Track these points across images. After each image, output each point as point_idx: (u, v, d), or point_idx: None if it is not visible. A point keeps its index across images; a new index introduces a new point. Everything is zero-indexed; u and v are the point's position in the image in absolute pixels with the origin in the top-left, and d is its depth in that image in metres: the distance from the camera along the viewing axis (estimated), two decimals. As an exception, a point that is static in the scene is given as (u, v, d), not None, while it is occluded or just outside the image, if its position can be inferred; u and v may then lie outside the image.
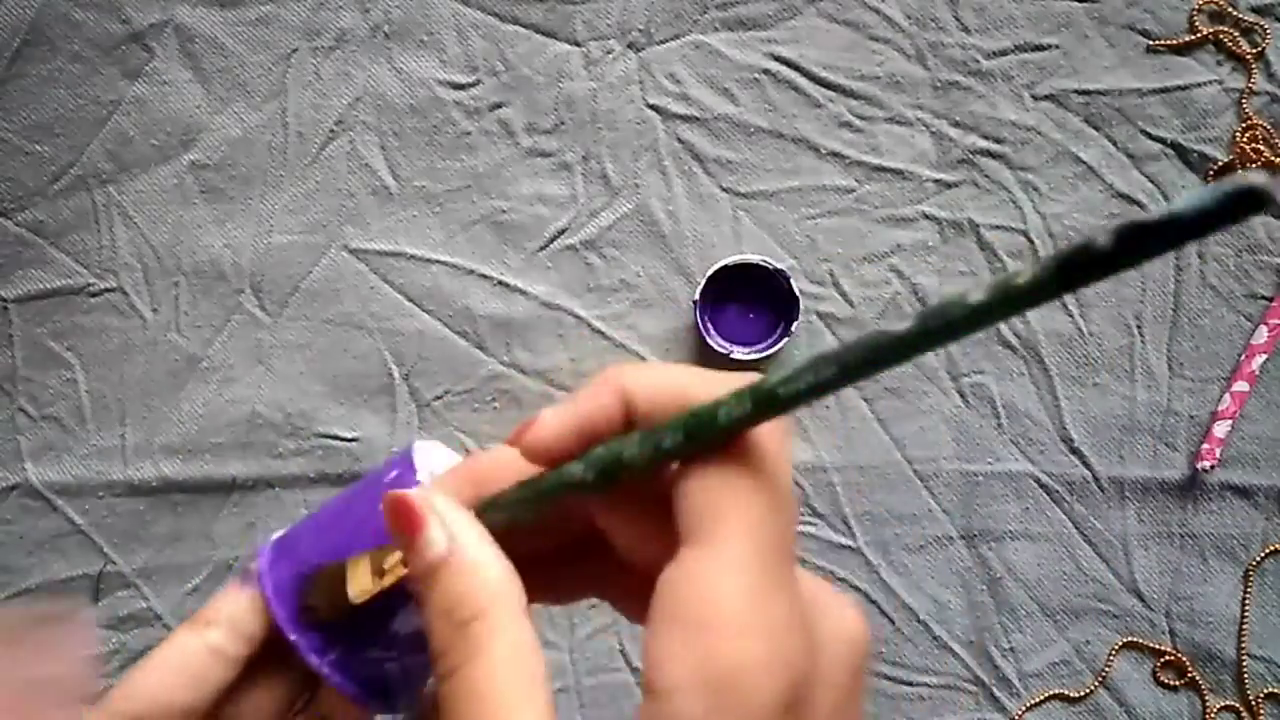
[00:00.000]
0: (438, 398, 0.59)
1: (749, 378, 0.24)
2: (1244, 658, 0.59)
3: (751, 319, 0.59)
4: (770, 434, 0.24)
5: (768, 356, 0.58)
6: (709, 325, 0.58)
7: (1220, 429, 0.59)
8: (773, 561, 0.23)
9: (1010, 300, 0.20)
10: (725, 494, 0.24)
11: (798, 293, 0.57)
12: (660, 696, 0.23)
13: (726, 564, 0.23)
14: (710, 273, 0.57)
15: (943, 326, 0.20)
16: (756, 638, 0.23)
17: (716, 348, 0.57)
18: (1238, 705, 0.60)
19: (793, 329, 0.57)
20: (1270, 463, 0.60)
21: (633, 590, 0.28)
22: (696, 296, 0.57)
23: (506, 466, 0.28)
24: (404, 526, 0.27)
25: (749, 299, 0.59)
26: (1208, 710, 0.60)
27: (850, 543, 0.60)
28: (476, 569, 0.26)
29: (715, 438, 0.24)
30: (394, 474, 0.34)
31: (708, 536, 0.24)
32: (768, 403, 0.23)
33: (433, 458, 0.35)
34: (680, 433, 0.24)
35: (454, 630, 0.25)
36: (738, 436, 0.24)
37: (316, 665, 0.32)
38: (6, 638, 0.32)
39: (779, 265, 0.57)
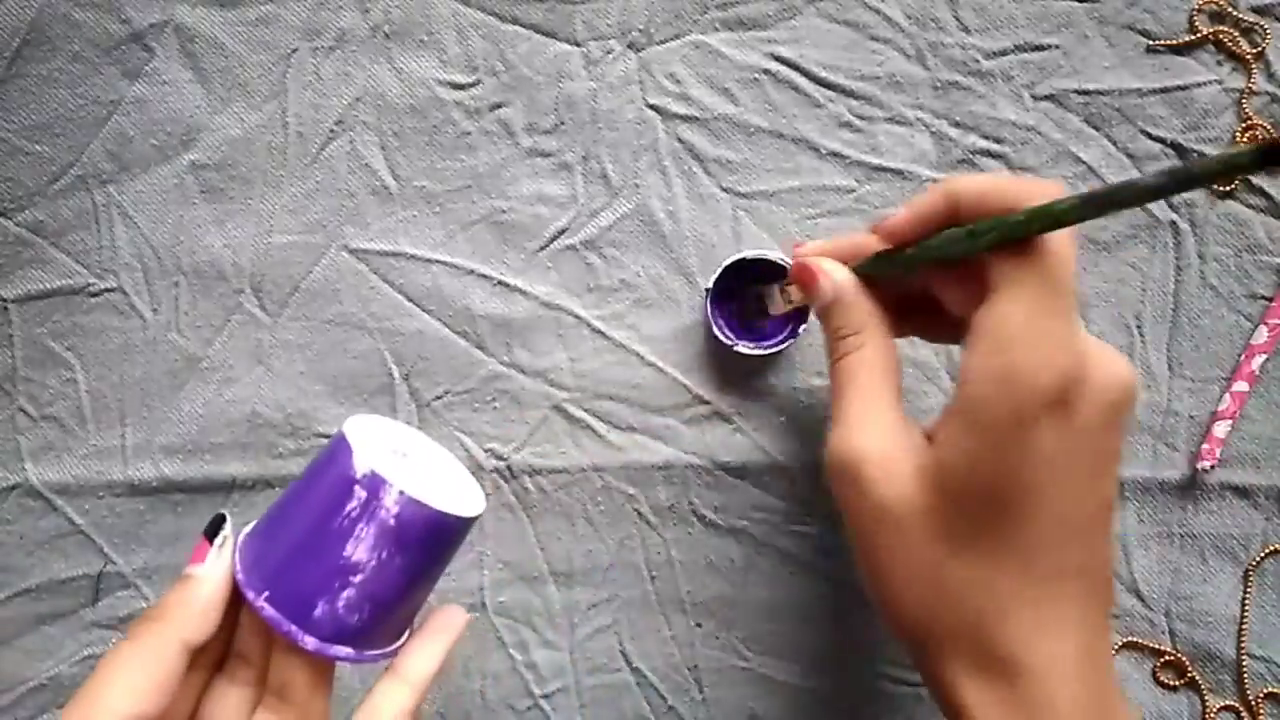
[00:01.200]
0: (438, 398, 0.59)
1: (1050, 190, 0.36)
2: (1244, 658, 0.59)
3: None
4: (1060, 236, 0.36)
5: (771, 354, 0.58)
6: (718, 316, 0.58)
7: (1220, 429, 0.59)
8: (1054, 305, 0.34)
9: (1236, 165, 0.29)
10: (1028, 263, 0.35)
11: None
12: (966, 385, 0.36)
13: (1019, 302, 0.35)
14: (726, 264, 0.57)
15: (1185, 179, 0.31)
16: (1033, 347, 0.34)
17: (721, 338, 0.57)
18: (1238, 705, 0.60)
19: (800, 330, 0.57)
20: (1270, 463, 0.60)
21: (947, 329, 0.44)
22: (709, 284, 0.57)
23: (863, 245, 0.44)
24: (805, 280, 0.45)
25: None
26: (1208, 710, 0.60)
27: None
28: (854, 304, 0.43)
29: (1038, 229, 0.35)
30: (333, 455, 0.37)
31: (1009, 285, 0.35)
32: (1049, 219, 0.35)
33: (368, 427, 0.40)
34: (1025, 223, 0.35)
35: (842, 341, 0.42)
36: (1040, 235, 0.36)
37: (280, 623, 0.36)
38: None
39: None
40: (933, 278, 0.42)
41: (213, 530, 0.38)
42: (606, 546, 0.60)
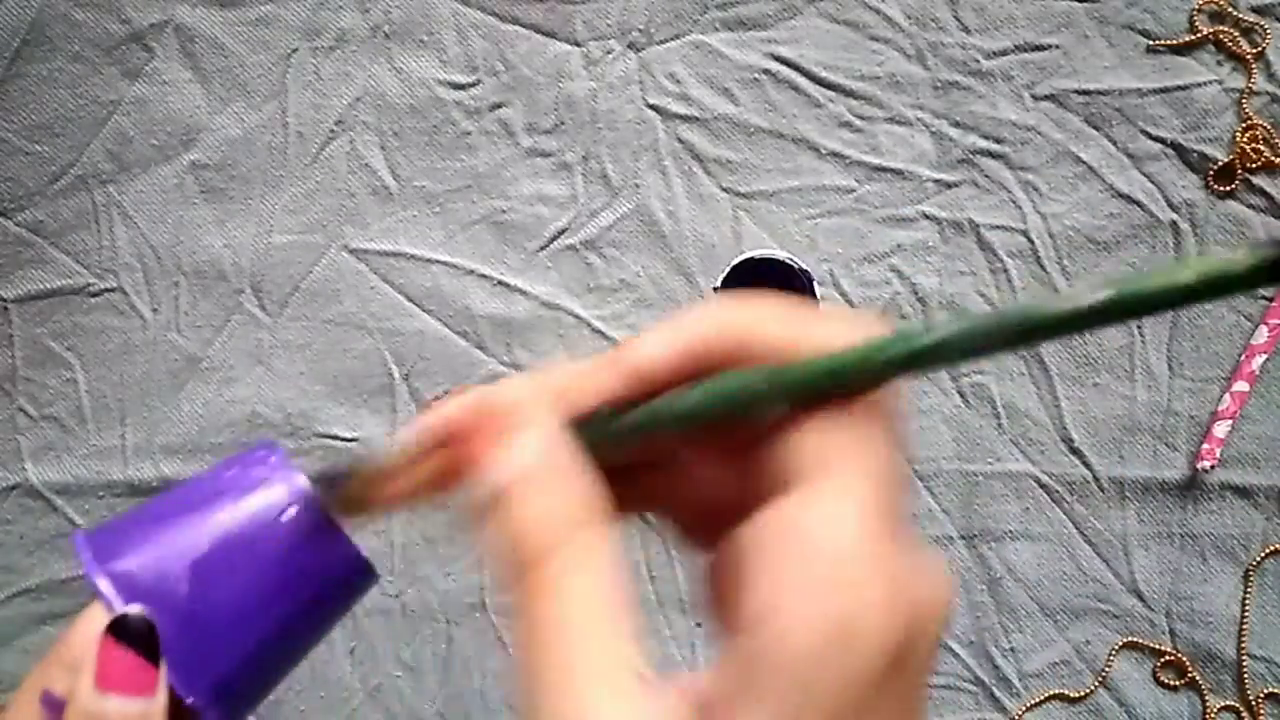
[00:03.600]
0: (437, 398, 0.59)
1: (861, 326, 0.23)
2: (1244, 658, 0.59)
3: None
4: (893, 396, 0.24)
5: None
6: None
7: (1220, 429, 0.59)
8: (891, 511, 0.23)
9: (1219, 284, 0.20)
10: (850, 440, 0.23)
11: (818, 295, 0.57)
12: (770, 631, 0.22)
13: (850, 507, 0.22)
14: (734, 263, 0.57)
15: (1134, 302, 0.20)
16: (878, 584, 0.22)
17: None
18: (1238, 705, 0.60)
19: None
20: (1270, 463, 0.60)
21: (696, 516, 0.27)
22: (718, 284, 0.57)
23: (588, 382, 0.25)
24: (461, 442, 0.24)
25: (768, 294, 0.59)
26: (1208, 710, 0.60)
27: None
28: (568, 487, 0.24)
29: (852, 386, 0.23)
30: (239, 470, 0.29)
31: (829, 479, 0.23)
32: (916, 359, 0.23)
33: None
34: (818, 376, 0.23)
35: (545, 557, 0.23)
36: (869, 387, 0.23)
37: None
38: None
39: (803, 265, 0.57)
40: (685, 441, 0.26)
41: (136, 638, 0.27)
42: (606, 546, 0.60)
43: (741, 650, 0.22)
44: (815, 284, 0.57)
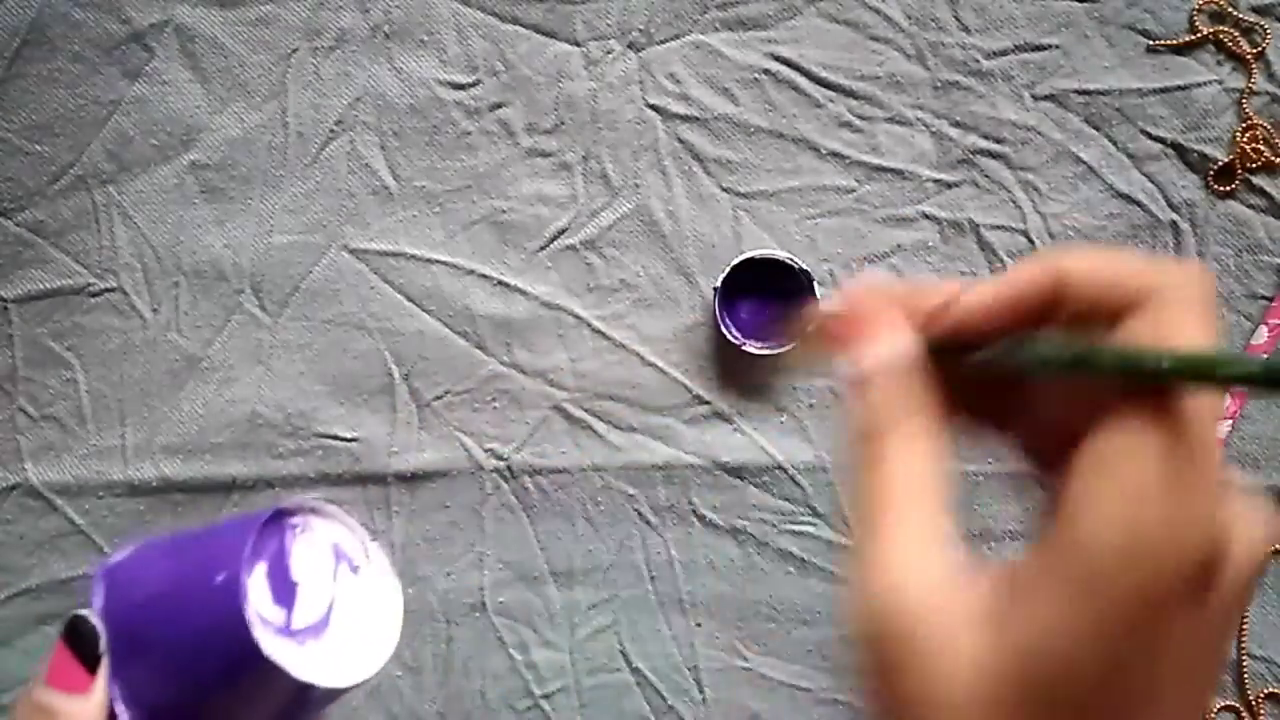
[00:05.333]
0: (438, 398, 0.59)
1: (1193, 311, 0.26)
2: (1244, 658, 0.59)
3: (768, 315, 0.59)
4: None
5: (780, 354, 0.58)
6: (725, 315, 0.58)
7: (1220, 429, 0.59)
8: (1196, 459, 0.25)
9: None
10: (1159, 401, 0.26)
11: (819, 295, 0.57)
12: (1076, 529, 0.25)
13: (1153, 447, 0.25)
14: (735, 262, 0.57)
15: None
16: (1176, 509, 0.25)
17: (730, 337, 0.58)
18: (1238, 705, 0.60)
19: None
20: (1270, 463, 0.60)
21: (1040, 438, 0.30)
22: (718, 284, 0.57)
23: (933, 305, 0.29)
24: (849, 331, 0.29)
25: (768, 295, 0.59)
26: (1208, 710, 0.60)
27: (850, 542, 0.60)
28: (909, 388, 0.28)
29: (1146, 379, 0.25)
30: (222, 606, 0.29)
31: (1140, 425, 0.26)
32: (1202, 372, 0.25)
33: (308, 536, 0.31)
34: (1170, 368, 0.25)
35: (881, 439, 0.28)
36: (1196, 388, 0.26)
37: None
38: None
39: (804, 265, 0.57)
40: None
41: (81, 643, 0.30)
42: (606, 546, 0.60)
43: (1051, 543, 0.26)
44: (815, 284, 0.57)
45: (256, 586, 0.30)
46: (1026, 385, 0.30)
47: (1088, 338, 0.27)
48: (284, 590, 0.31)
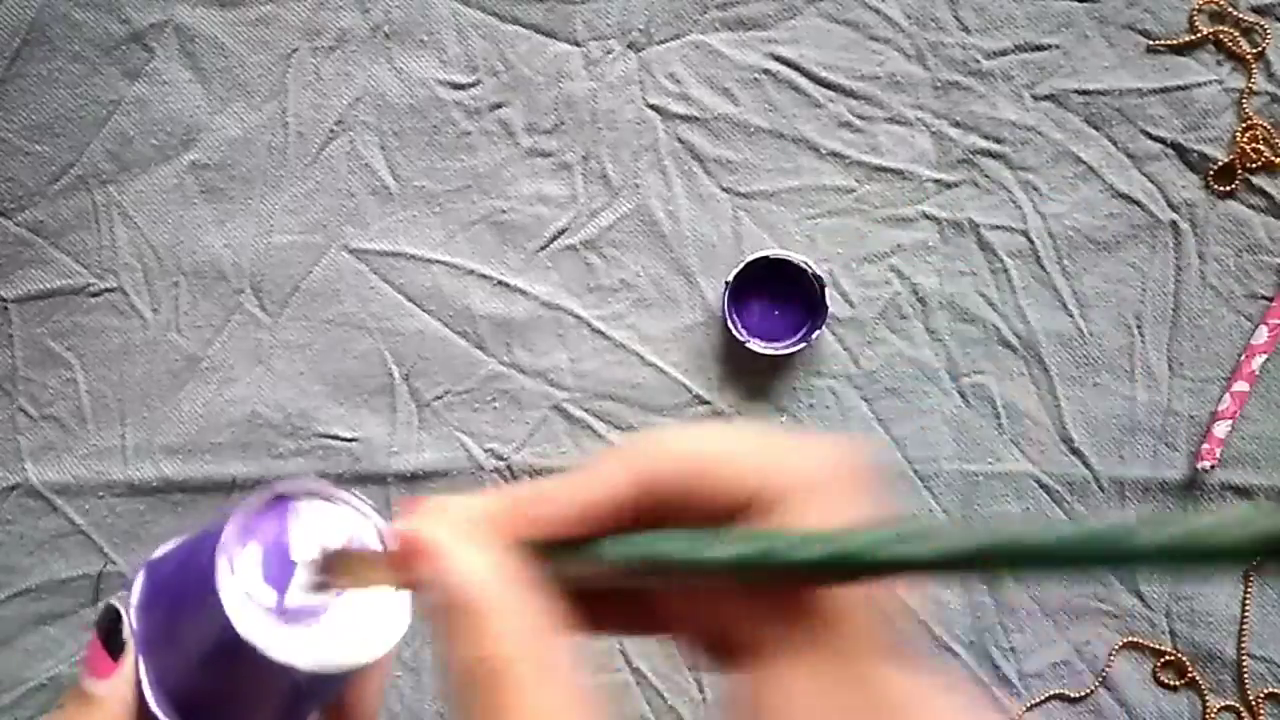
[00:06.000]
0: (438, 398, 0.59)
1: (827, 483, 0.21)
2: (1244, 658, 0.59)
3: (776, 315, 0.59)
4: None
5: (783, 355, 0.58)
6: (734, 314, 0.58)
7: (1220, 429, 0.59)
8: (875, 676, 0.21)
9: (1188, 555, 0.16)
10: (803, 615, 0.21)
11: (828, 300, 0.57)
12: None
13: (828, 682, 0.21)
14: (748, 260, 0.57)
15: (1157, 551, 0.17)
16: None
17: (736, 334, 0.58)
18: (1238, 705, 0.60)
19: (814, 335, 0.57)
20: (1270, 463, 0.60)
21: (707, 640, 0.25)
22: (730, 278, 0.57)
23: (544, 508, 0.23)
24: (408, 558, 0.23)
25: (778, 295, 0.59)
26: (1208, 710, 0.60)
27: None
28: (508, 616, 0.22)
29: (779, 576, 0.20)
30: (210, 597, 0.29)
31: (789, 654, 0.21)
32: (847, 559, 0.19)
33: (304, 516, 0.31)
34: (738, 555, 0.21)
35: (471, 685, 0.22)
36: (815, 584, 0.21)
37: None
38: None
39: (816, 269, 0.57)
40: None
41: (107, 631, 0.30)
42: (606, 546, 0.60)
43: None
44: (825, 288, 0.57)
45: (245, 566, 0.29)
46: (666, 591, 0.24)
47: (689, 532, 0.21)
48: (280, 571, 0.30)
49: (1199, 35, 0.59)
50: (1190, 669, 0.60)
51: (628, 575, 0.22)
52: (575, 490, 0.23)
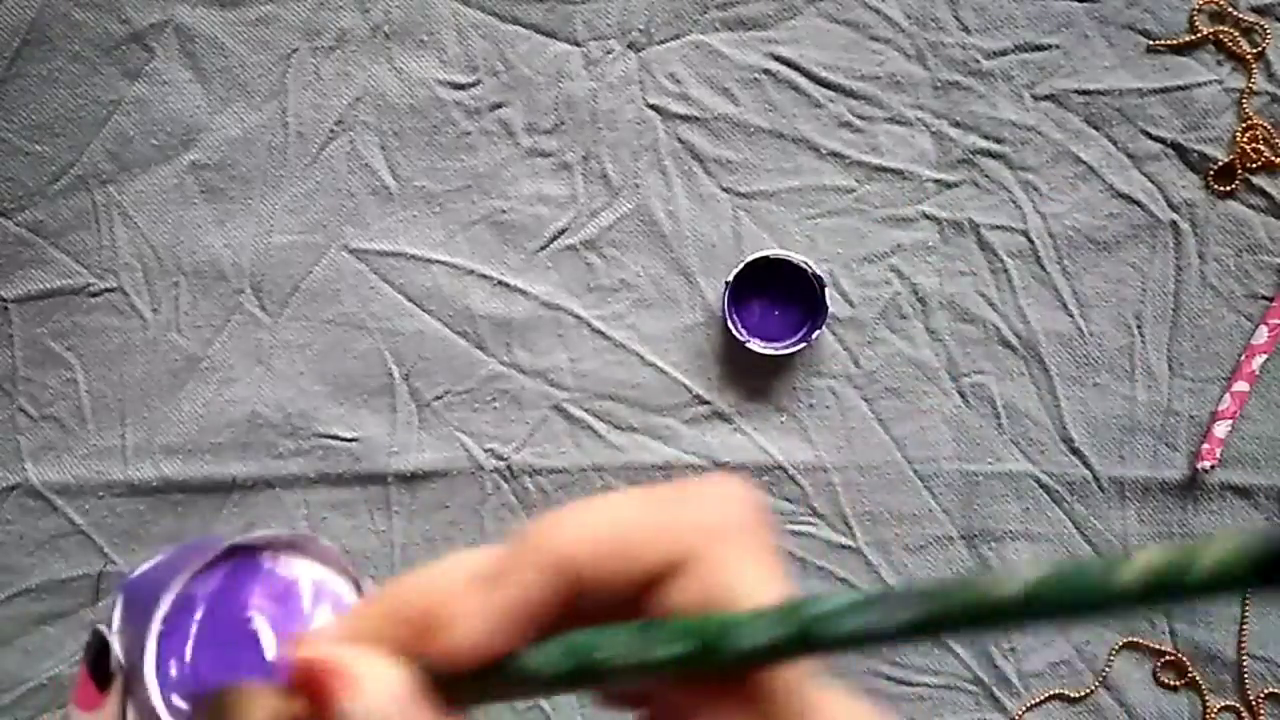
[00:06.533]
0: (438, 398, 0.59)
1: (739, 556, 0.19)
2: (1244, 658, 0.59)
3: (776, 315, 0.59)
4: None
5: (783, 355, 0.58)
6: (734, 313, 0.58)
7: (1220, 429, 0.59)
8: None
9: (1172, 588, 0.15)
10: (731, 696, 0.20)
11: (828, 301, 0.57)
12: None
13: None
14: (749, 260, 0.57)
15: (1069, 602, 0.16)
16: None
17: (736, 334, 0.58)
18: (1238, 705, 0.60)
19: (814, 335, 0.57)
20: (1270, 463, 0.60)
21: (619, 703, 0.23)
22: (730, 278, 0.57)
23: (449, 614, 0.21)
24: (315, 691, 0.21)
25: (778, 295, 0.59)
26: (1208, 710, 0.60)
27: (850, 543, 0.60)
28: None
29: (723, 665, 0.19)
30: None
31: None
32: (798, 637, 0.18)
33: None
34: (679, 651, 0.19)
35: None
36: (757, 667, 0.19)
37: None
38: None
39: (817, 270, 0.57)
40: None
41: (94, 661, 0.28)
42: (606, 546, 0.60)
43: None
44: (825, 289, 0.57)
45: (180, 634, 0.27)
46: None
47: (626, 630, 0.20)
48: (228, 633, 0.28)
49: (1199, 35, 0.59)
50: (1190, 669, 0.60)
51: (554, 687, 0.20)
52: (492, 594, 0.20)
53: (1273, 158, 0.59)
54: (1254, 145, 0.59)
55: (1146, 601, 0.15)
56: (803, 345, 0.58)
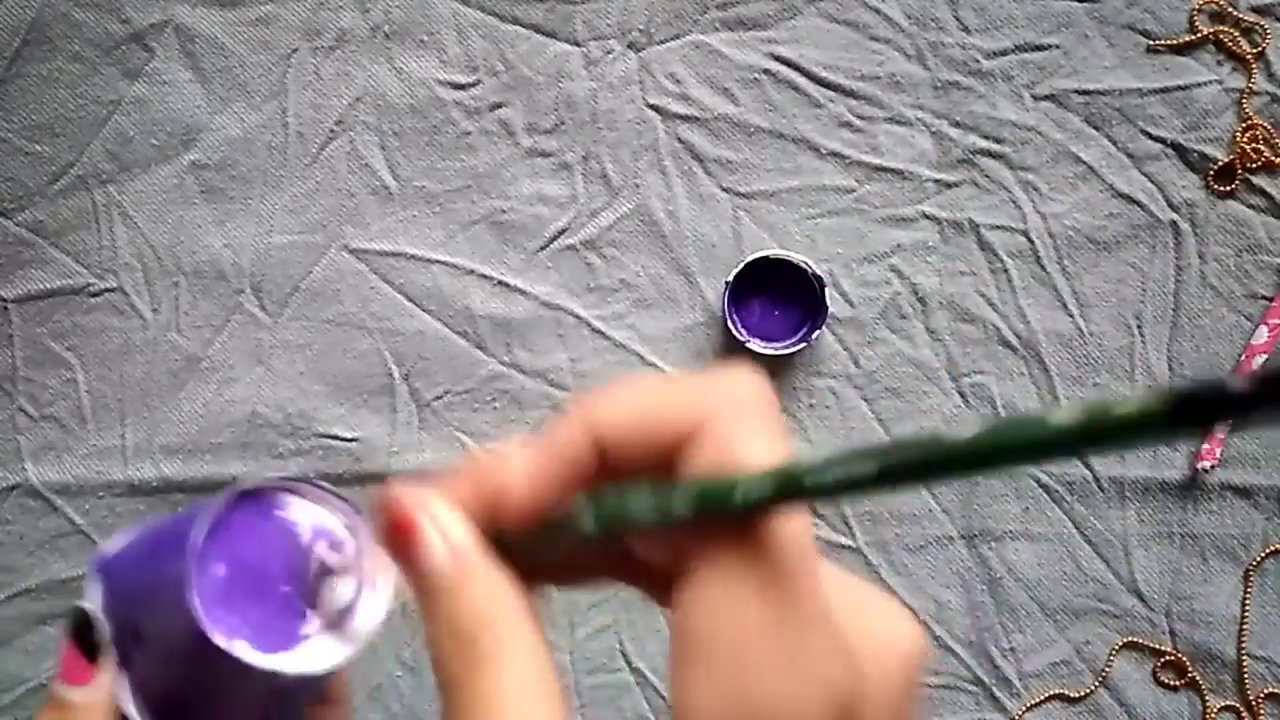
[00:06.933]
0: (438, 398, 0.59)
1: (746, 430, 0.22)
2: (1244, 658, 0.59)
3: (776, 315, 0.59)
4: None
5: (783, 355, 0.58)
6: (734, 313, 0.58)
7: (1220, 429, 0.59)
8: (798, 585, 0.22)
9: (1106, 430, 0.17)
10: (734, 535, 0.22)
11: (828, 301, 0.57)
12: None
13: (737, 595, 0.22)
14: (749, 260, 0.57)
15: (1016, 446, 0.18)
16: (788, 672, 0.21)
17: (736, 334, 0.58)
18: (1238, 705, 0.60)
19: (814, 336, 0.57)
20: (1270, 463, 0.60)
21: (652, 578, 0.26)
22: (730, 278, 0.57)
23: (505, 475, 0.25)
24: (399, 538, 0.25)
25: (778, 295, 0.59)
26: (1208, 710, 0.60)
27: (850, 543, 0.60)
28: (485, 584, 0.24)
29: (728, 516, 0.22)
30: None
31: (714, 568, 0.22)
32: (789, 490, 0.21)
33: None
34: (691, 505, 0.22)
35: (462, 650, 0.24)
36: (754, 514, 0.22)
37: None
38: None
39: (817, 270, 0.57)
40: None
41: (79, 636, 0.30)
42: (606, 546, 0.60)
43: None
44: (825, 289, 0.57)
45: (213, 571, 0.29)
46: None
47: (648, 488, 0.23)
48: (252, 573, 0.30)
49: (1199, 35, 0.59)
50: (1190, 669, 0.60)
51: (591, 537, 0.24)
52: (539, 457, 0.24)
53: (1273, 158, 0.59)
54: (1254, 145, 0.59)
55: (1077, 441, 0.18)
56: (803, 345, 0.58)
